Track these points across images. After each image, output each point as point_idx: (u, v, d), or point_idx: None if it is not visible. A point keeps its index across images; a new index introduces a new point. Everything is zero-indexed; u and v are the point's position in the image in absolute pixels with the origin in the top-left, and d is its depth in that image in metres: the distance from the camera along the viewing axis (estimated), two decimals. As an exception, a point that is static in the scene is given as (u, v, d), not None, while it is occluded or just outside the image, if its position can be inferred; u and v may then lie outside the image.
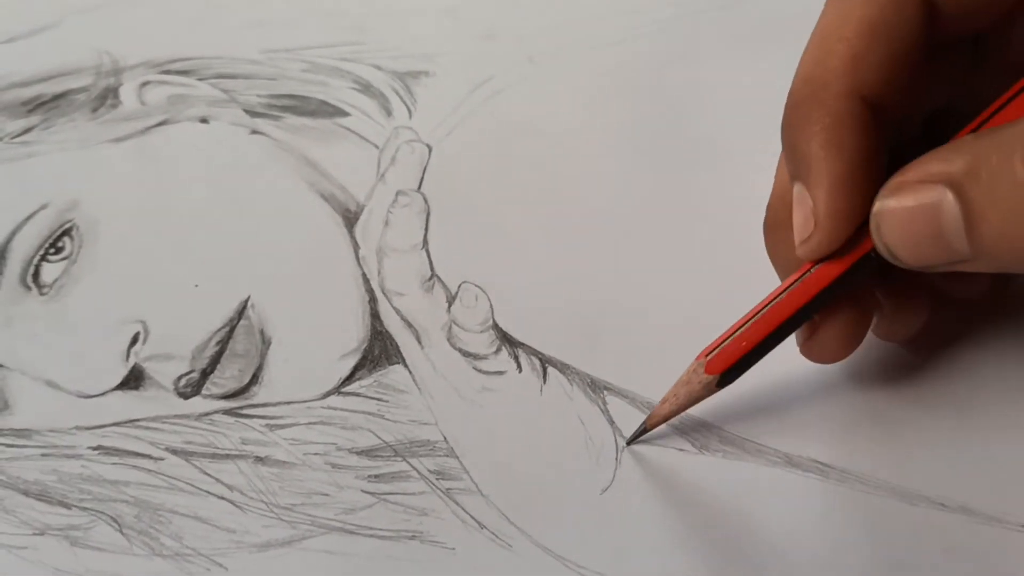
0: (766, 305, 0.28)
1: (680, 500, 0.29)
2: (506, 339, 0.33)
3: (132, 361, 0.33)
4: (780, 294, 0.28)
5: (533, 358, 0.32)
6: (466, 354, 0.33)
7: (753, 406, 0.31)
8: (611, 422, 0.31)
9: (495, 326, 0.33)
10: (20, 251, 0.36)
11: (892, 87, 0.27)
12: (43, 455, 0.31)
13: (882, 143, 0.27)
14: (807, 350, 0.29)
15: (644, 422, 0.30)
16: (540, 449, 0.31)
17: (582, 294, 0.33)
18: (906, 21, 0.27)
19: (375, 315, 0.34)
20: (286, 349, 0.33)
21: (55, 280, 0.35)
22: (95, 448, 0.31)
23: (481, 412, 0.31)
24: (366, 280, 0.35)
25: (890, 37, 0.27)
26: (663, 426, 0.30)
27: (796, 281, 0.28)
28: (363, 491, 0.30)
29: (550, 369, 0.32)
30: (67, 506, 0.30)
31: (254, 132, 0.39)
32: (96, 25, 0.43)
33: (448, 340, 0.33)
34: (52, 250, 0.36)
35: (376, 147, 0.38)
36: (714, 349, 0.29)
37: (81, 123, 0.40)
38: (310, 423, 0.32)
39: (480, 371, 0.32)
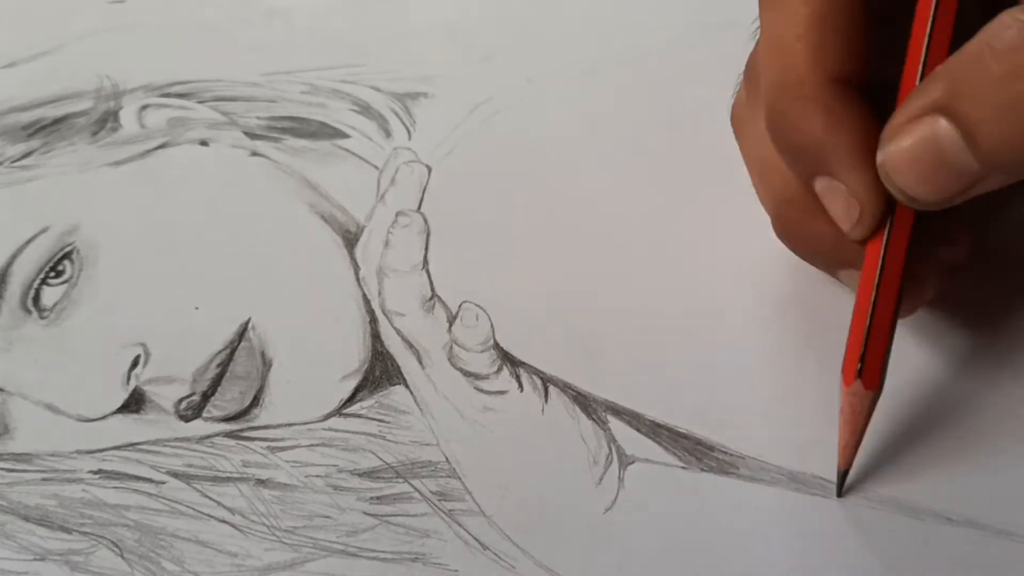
0: (870, 298, 0.28)
1: (683, 519, 0.29)
2: (507, 359, 0.33)
3: (133, 384, 0.33)
4: (874, 281, 0.28)
5: (535, 377, 0.32)
6: (467, 374, 0.33)
7: (755, 424, 0.31)
8: (613, 441, 0.31)
9: (496, 346, 0.33)
10: (20, 275, 0.36)
11: (856, 61, 0.28)
12: (44, 479, 0.31)
13: (871, 112, 0.28)
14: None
15: (838, 470, 0.29)
16: (542, 469, 0.30)
17: (583, 313, 0.33)
18: (849, 2, 0.28)
19: (376, 336, 0.34)
20: (287, 371, 0.33)
21: (55, 304, 0.35)
22: (96, 472, 0.31)
23: (483, 432, 0.31)
24: (367, 301, 0.35)
25: (840, 21, 0.28)
26: (662, 450, 0.30)
27: (880, 264, 0.28)
28: (365, 513, 0.30)
29: (552, 388, 0.32)
30: (68, 531, 0.30)
31: (254, 154, 0.39)
32: (96, 49, 0.43)
33: (449, 360, 0.33)
34: (52, 273, 0.36)
35: (376, 168, 0.38)
36: (855, 363, 0.27)
37: (81, 147, 0.40)
38: (311, 445, 0.31)
39: (481, 391, 0.32)
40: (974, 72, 0.25)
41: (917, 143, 0.26)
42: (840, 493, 0.29)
